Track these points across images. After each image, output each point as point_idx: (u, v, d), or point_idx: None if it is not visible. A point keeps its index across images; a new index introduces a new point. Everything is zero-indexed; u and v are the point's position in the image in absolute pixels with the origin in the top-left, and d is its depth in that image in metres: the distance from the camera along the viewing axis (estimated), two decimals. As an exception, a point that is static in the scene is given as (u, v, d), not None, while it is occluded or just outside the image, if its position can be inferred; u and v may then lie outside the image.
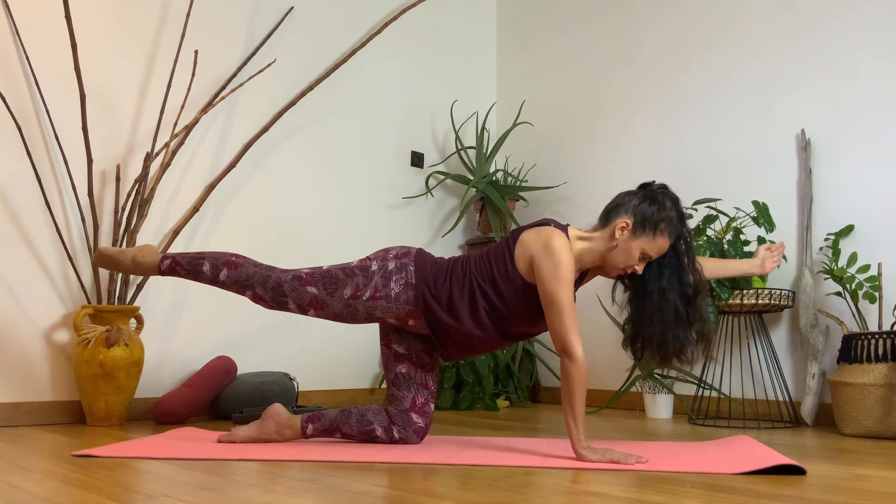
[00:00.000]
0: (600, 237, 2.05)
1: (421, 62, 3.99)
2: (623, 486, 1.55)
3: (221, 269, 2.11)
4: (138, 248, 2.22)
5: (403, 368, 2.18)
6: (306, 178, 3.46)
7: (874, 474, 1.76)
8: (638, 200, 2.02)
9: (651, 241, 1.99)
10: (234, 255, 2.16)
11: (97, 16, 2.87)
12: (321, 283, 2.09)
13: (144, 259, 2.18)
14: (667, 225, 1.99)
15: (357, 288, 2.07)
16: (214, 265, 2.12)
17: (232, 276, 2.11)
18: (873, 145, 2.90)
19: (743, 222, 3.02)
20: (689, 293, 2.01)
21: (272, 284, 2.09)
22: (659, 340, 1.99)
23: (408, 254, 2.13)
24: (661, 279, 2.01)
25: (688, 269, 2.02)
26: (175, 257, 2.16)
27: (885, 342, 2.54)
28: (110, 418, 2.62)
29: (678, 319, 1.98)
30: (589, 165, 3.84)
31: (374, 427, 2.15)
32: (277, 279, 2.10)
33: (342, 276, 2.10)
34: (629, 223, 1.99)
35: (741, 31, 3.31)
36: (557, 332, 1.90)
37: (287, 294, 2.09)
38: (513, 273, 2.02)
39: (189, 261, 2.14)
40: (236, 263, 2.13)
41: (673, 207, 2.01)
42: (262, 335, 3.24)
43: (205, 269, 2.12)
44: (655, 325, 1.99)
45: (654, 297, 2.00)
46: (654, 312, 1.99)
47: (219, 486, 1.52)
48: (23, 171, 2.68)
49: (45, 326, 2.69)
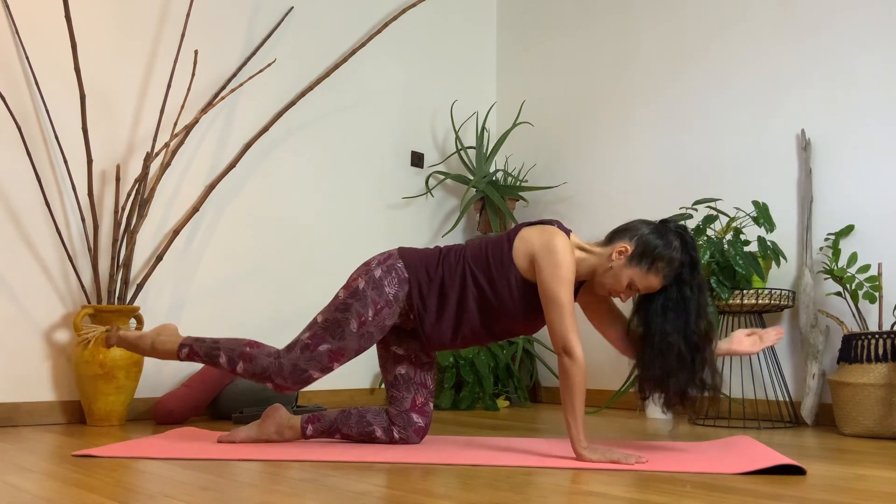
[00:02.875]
0: (599, 254, 2.01)
1: (421, 62, 3.99)
2: (623, 486, 1.55)
3: (238, 362, 2.06)
4: (157, 331, 2.18)
5: (402, 370, 2.17)
6: (306, 177, 3.46)
7: (874, 474, 1.76)
8: (648, 230, 1.97)
9: (643, 274, 1.94)
10: (248, 343, 2.10)
11: (97, 16, 2.87)
12: (327, 334, 2.05)
13: (163, 346, 2.14)
14: (665, 265, 1.93)
15: (359, 315, 2.04)
16: (231, 357, 2.07)
17: (249, 369, 2.06)
18: (873, 145, 2.90)
19: (743, 222, 3.02)
20: (695, 340, 1.92)
21: (288, 370, 2.04)
22: (660, 384, 1.94)
23: (390, 256, 2.12)
24: (664, 322, 1.93)
25: (694, 316, 1.93)
26: (193, 346, 2.11)
27: (885, 342, 2.54)
28: (110, 418, 2.62)
29: (681, 365, 1.91)
30: (589, 165, 3.84)
31: (374, 428, 2.15)
32: (291, 363, 2.04)
33: (340, 316, 2.05)
34: (628, 249, 1.95)
35: (741, 32, 3.31)
36: (558, 331, 1.90)
37: (306, 368, 2.04)
38: (508, 264, 2.01)
39: (206, 351, 2.10)
40: (250, 355, 2.07)
41: (681, 250, 1.94)
42: (262, 335, 3.24)
43: (222, 362, 2.08)
44: (656, 369, 1.94)
45: (656, 339, 1.94)
46: (655, 356, 1.94)
47: (219, 486, 1.52)
48: (23, 171, 2.68)
49: (45, 326, 2.69)
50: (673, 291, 1.95)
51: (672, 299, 1.94)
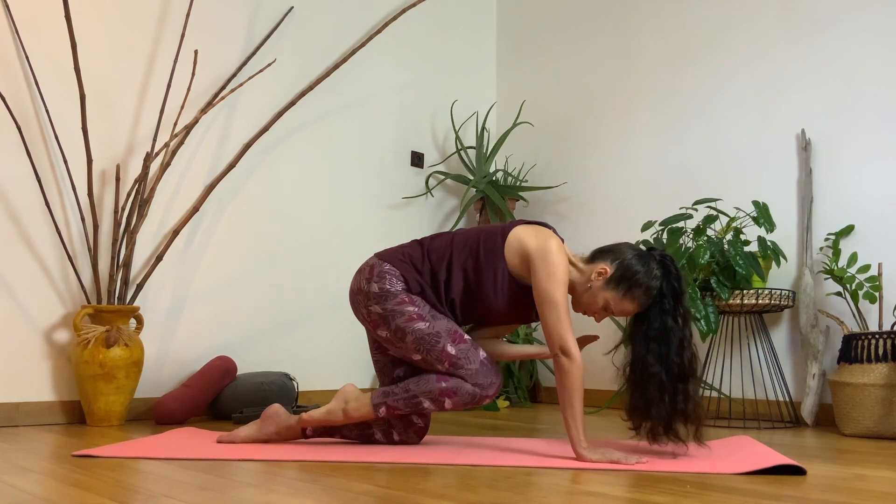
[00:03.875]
0: (581, 270, 2.01)
1: (421, 62, 3.99)
2: (623, 486, 1.55)
3: (444, 401, 1.98)
4: (343, 399, 2.09)
5: (401, 372, 2.17)
6: (306, 177, 3.46)
7: (874, 474, 1.76)
8: (630, 255, 1.96)
9: (619, 298, 1.94)
10: (437, 378, 1.99)
11: (97, 16, 2.87)
12: (430, 345, 1.99)
13: (358, 413, 2.06)
14: (641, 293, 1.92)
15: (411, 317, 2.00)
16: (434, 399, 1.98)
17: (457, 401, 1.98)
18: (873, 145, 2.90)
19: (743, 222, 3.02)
20: (675, 371, 1.89)
21: (484, 381, 1.97)
22: (643, 414, 1.92)
23: (371, 266, 2.09)
24: (646, 351, 1.91)
25: (675, 346, 1.90)
26: (388, 403, 2.03)
27: (886, 342, 2.54)
28: (110, 418, 2.62)
29: (662, 396, 1.88)
30: (589, 165, 3.84)
31: (374, 431, 2.15)
32: (477, 374, 1.97)
33: (410, 335, 2.00)
34: (607, 271, 1.95)
35: (741, 32, 3.31)
36: (554, 332, 1.90)
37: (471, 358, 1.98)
38: (499, 256, 2.01)
39: (405, 402, 2.01)
40: (452, 390, 1.98)
41: (661, 278, 1.93)
42: (262, 335, 3.24)
43: (426, 406, 2.00)
44: (639, 398, 1.92)
45: (638, 367, 1.92)
46: (638, 385, 1.92)
47: (219, 486, 1.52)
48: (23, 171, 2.67)
49: (45, 326, 2.69)
50: (656, 321, 1.92)
51: (654, 328, 1.92)
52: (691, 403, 1.90)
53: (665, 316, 1.92)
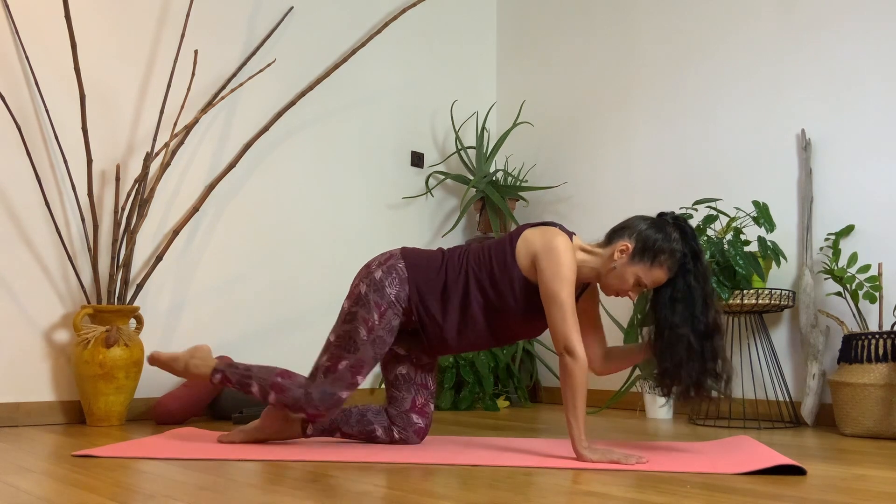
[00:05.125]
0: (601, 254, 2.01)
1: (421, 62, 3.99)
2: (623, 486, 1.55)
3: (269, 392, 2.03)
4: (190, 353, 2.16)
5: (403, 370, 2.17)
6: (306, 177, 3.46)
7: (874, 474, 1.76)
8: (646, 226, 1.98)
9: (647, 269, 1.94)
10: (280, 373, 2.07)
11: (97, 16, 2.87)
12: (342, 350, 2.03)
13: (197, 370, 2.13)
14: (667, 257, 1.93)
15: (366, 321, 2.03)
16: (262, 387, 2.05)
17: (281, 399, 2.03)
18: (873, 145, 2.90)
19: (743, 222, 3.02)
20: (701, 329, 1.93)
21: (317, 399, 2.01)
22: (673, 377, 1.94)
23: (391, 256, 2.11)
24: (672, 314, 1.94)
25: (700, 305, 1.93)
26: (225, 373, 2.09)
27: (886, 342, 2.54)
28: (110, 418, 2.62)
29: (691, 356, 1.91)
30: (589, 165, 3.84)
31: (375, 427, 2.15)
32: (319, 391, 2.01)
33: (349, 327, 2.04)
34: (629, 247, 1.95)
35: (741, 32, 3.31)
36: (559, 331, 1.89)
37: (333, 392, 2.02)
38: (511, 266, 2.01)
39: (238, 379, 2.08)
40: (282, 386, 2.03)
41: (681, 241, 1.95)
42: (262, 335, 3.24)
43: (254, 390, 2.06)
44: (668, 361, 1.94)
45: (666, 332, 1.94)
46: (667, 348, 1.94)
47: (219, 486, 1.52)
48: (23, 171, 2.67)
49: (45, 326, 2.69)
50: (679, 282, 1.95)
51: (679, 290, 1.95)
52: (720, 360, 1.95)
53: (688, 276, 1.95)
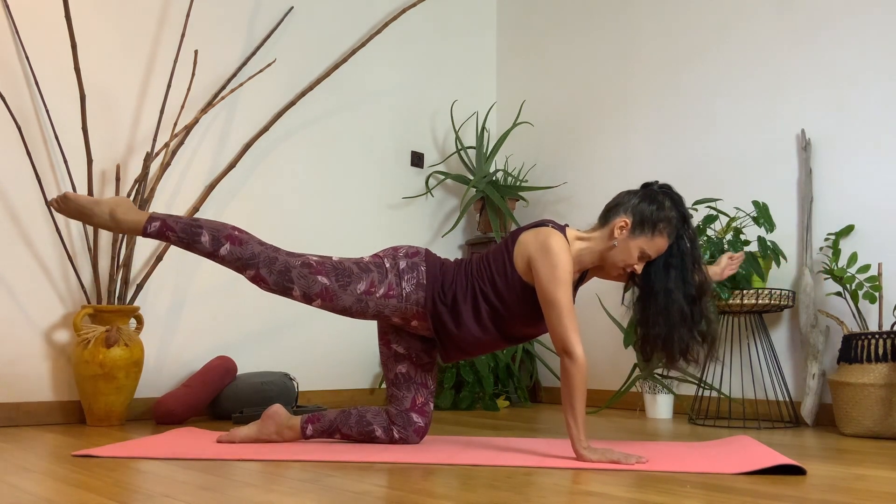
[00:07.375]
0: (599, 237, 2.05)
1: (421, 62, 3.99)
2: (623, 486, 1.55)
3: (223, 243, 1.94)
4: (115, 200, 1.96)
5: (403, 368, 2.17)
6: (306, 177, 3.46)
7: (874, 474, 1.76)
8: (637, 199, 2.02)
9: (650, 240, 1.99)
10: (237, 228, 1.99)
11: (97, 16, 2.87)
12: (333, 274, 2.02)
13: (126, 217, 1.93)
14: (665, 225, 1.99)
15: (372, 284, 2.04)
16: (215, 237, 1.94)
17: (235, 251, 1.94)
18: (873, 145, 2.90)
19: (743, 222, 3.02)
20: (693, 293, 2.00)
21: (279, 268, 1.97)
22: (664, 342, 1.99)
23: (417, 253, 2.12)
24: (667, 280, 2.00)
25: (692, 270, 2.01)
26: (166, 220, 1.94)
27: (886, 342, 2.54)
28: (110, 418, 2.62)
29: (683, 320, 1.98)
30: (589, 165, 3.84)
31: (374, 428, 2.15)
32: (285, 263, 1.98)
33: (356, 270, 2.05)
34: (628, 222, 1.99)
35: (741, 32, 3.31)
36: (557, 333, 1.90)
37: (294, 280, 1.98)
38: (511, 274, 2.02)
39: (184, 227, 1.94)
40: (240, 239, 1.96)
41: (673, 207, 2.01)
42: (262, 335, 3.24)
43: (203, 240, 1.93)
44: (661, 326, 1.98)
45: (660, 297, 1.99)
46: (660, 313, 1.98)
47: (219, 486, 1.52)
48: (23, 171, 2.67)
49: (44, 326, 2.69)
50: (674, 248, 2.01)
51: (674, 255, 2.01)
52: (706, 321, 2.01)
53: (681, 241, 2.02)
